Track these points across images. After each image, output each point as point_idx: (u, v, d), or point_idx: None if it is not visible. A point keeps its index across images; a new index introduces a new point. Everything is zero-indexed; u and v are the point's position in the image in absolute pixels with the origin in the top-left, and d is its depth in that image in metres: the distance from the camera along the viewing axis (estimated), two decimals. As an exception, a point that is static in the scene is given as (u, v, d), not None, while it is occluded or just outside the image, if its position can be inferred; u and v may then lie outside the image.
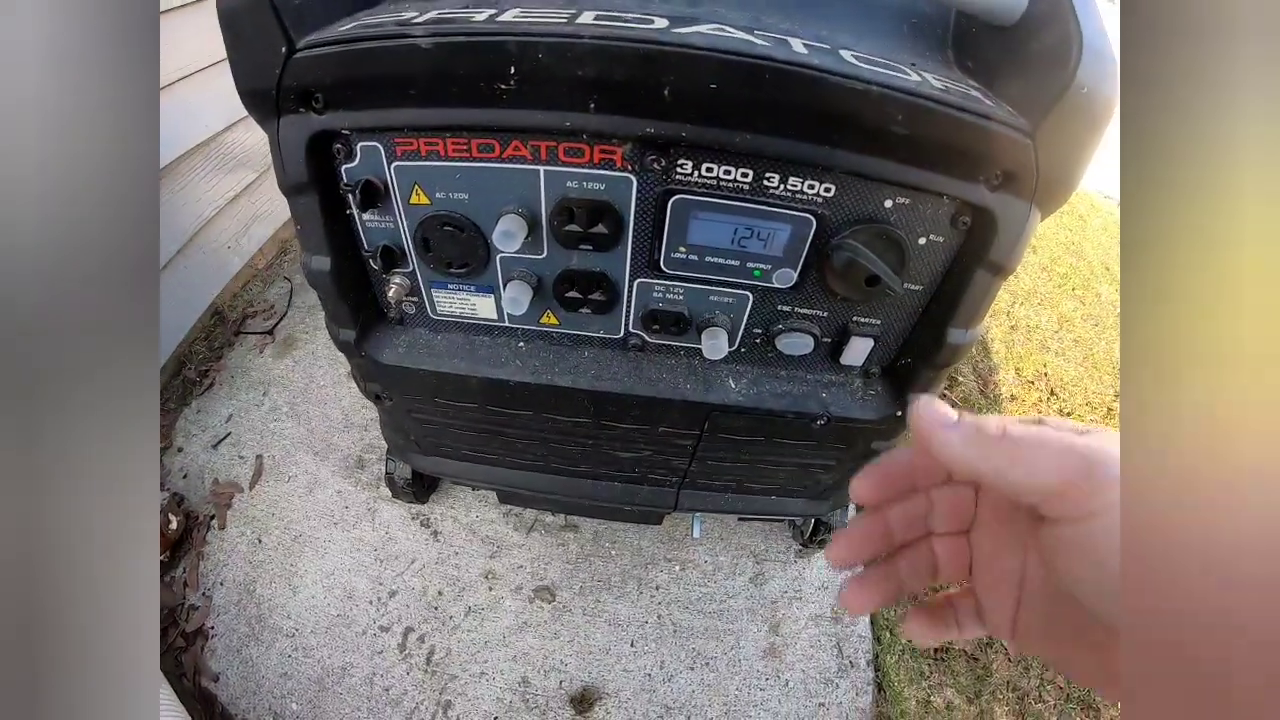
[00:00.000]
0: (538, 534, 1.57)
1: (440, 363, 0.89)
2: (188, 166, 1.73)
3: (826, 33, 0.69)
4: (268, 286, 2.11)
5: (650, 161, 0.66)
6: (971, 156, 0.64)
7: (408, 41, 0.58)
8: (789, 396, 0.87)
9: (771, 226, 0.71)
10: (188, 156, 1.72)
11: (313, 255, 0.77)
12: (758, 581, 1.55)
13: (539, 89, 0.60)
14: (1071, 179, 0.67)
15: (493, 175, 0.70)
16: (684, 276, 0.77)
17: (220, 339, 1.91)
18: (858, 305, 0.80)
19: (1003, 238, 0.69)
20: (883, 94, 0.58)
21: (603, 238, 0.72)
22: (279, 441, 1.70)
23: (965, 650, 1.55)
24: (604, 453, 1.06)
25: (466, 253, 0.76)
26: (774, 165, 0.66)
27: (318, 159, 0.70)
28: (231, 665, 1.36)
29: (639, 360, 0.88)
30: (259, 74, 0.63)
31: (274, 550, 1.51)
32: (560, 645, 1.41)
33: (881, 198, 0.69)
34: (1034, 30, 0.64)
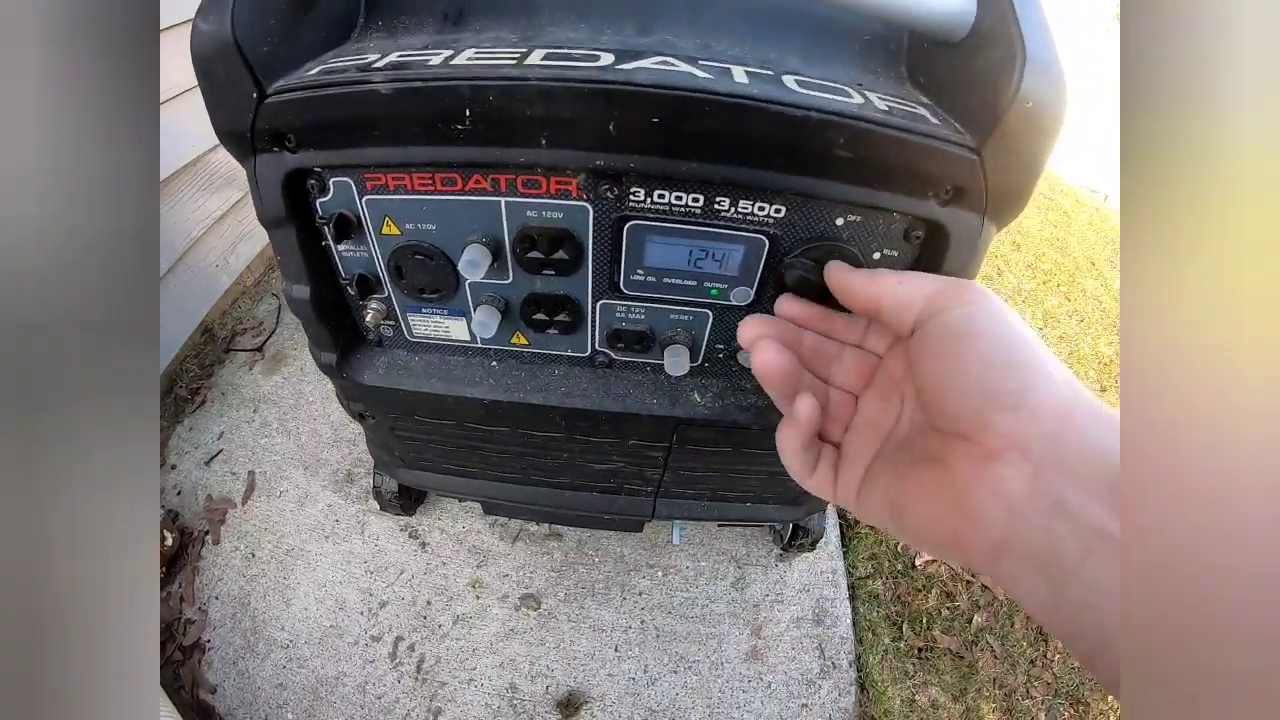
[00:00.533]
0: (523, 543, 1.60)
1: (418, 383, 0.91)
2: (176, 186, 1.76)
3: (775, 56, 0.72)
4: (256, 303, 2.14)
5: (604, 190, 0.68)
6: (918, 174, 0.66)
7: (368, 87, 0.61)
8: (754, 409, 0.89)
9: (725, 248, 0.73)
10: (176, 176, 1.75)
11: (293, 284, 0.80)
12: (739, 586, 1.57)
13: (493, 128, 0.62)
14: (1022, 191, 0.68)
15: (457, 207, 0.72)
16: (644, 297, 0.80)
17: (210, 356, 1.94)
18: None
19: (956, 250, 0.71)
20: (822, 119, 0.60)
21: (564, 263, 0.75)
22: (270, 457, 1.73)
23: (950, 649, 1.57)
24: (579, 465, 1.08)
25: (437, 279, 0.79)
26: (724, 190, 0.69)
27: (293, 194, 0.73)
28: (228, 677, 1.39)
29: (607, 377, 0.91)
30: (234, 118, 0.66)
31: (267, 564, 1.54)
32: (546, 651, 1.44)
33: (832, 216, 0.71)
34: (980, 45, 0.64)
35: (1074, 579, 0.31)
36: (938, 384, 0.39)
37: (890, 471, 0.44)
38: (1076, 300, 2.82)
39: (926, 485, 0.39)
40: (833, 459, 0.50)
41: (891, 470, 0.43)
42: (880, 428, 0.47)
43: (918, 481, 0.40)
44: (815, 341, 0.52)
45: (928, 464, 0.40)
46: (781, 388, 0.51)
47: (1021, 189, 0.68)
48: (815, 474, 0.50)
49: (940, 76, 0.71)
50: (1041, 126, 0.61)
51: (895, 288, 0.44)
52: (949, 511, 0.37)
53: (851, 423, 0.50)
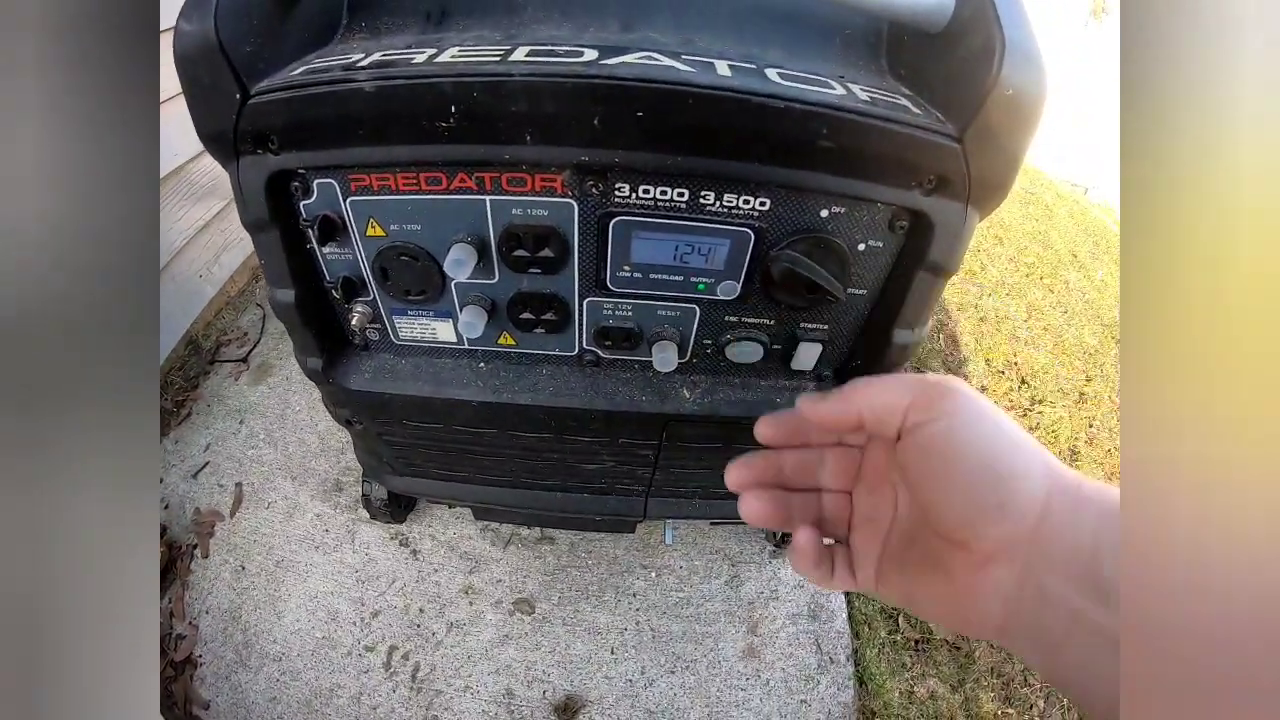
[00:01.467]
0: (515, 548, 1.59)
1: (405, 386, 0.91)
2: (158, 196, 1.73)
3: (758, 51, 0.72)
4: (240, 313, 2.12)
5: (589, 186, 0.68)
6: (901, 164, 0.66)
7: (352, 86, 0.61)
8: (743, 404, 0.90)
9: (711, 242, 0.73)
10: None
11: (277, 289, 0.80)
12: (733, 584, 1.57)
13: (477, 125, 0.62)
14: (1005, 178, 0.68)
15: (442, 207, 0.72)
16: (631, 294, 0.80)
17: (195, 368, 1.92)
18: (803, 312, 0.82)
19: (940, 240, 0.71)
20: (805, 110, 0.60)
21: (550, 261, 0.75)
22: (257, 468, 1.71)
23: (947, 640, 1.58)
24: (570, 466, 1.08)
25: (423, 281, 0.79)
26: (708, 183, 0.69)
27: (277, 197, 0.72)
28: (221, 692, 1.37)
29: (595, 375, 0.91)
30: (217, 119, 0.65)
31: (257, 576, 1.52)
32: (542, 656, 1.43)
33: (817, 208, 0.71)
34: (959, 35, 0.65)
35: (1060, 652, 0.36)
36: (930, 499, 0.42)
37: (898, 571, 0.46)
38: (1060, 292, 2.84)
39: (934, 587, 0.43)
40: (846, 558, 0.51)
41: (899, 569, 0.46)
42: (879, 522, 0.49)
43: (924, 583, 0.43)
44: (797, 459, 0.53)
45: (929, 568, 0.43)
46: (778, 527, 0.53)
47: (1004, 176, 0.68)
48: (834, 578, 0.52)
49: (921, 68, 0.72)
50: (1022, 114, 0.62)
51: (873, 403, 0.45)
52: (955, 608, 0.41)
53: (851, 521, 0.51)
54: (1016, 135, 0.64)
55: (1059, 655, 0.36)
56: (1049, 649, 0.36)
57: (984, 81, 0.61)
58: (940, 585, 0.42)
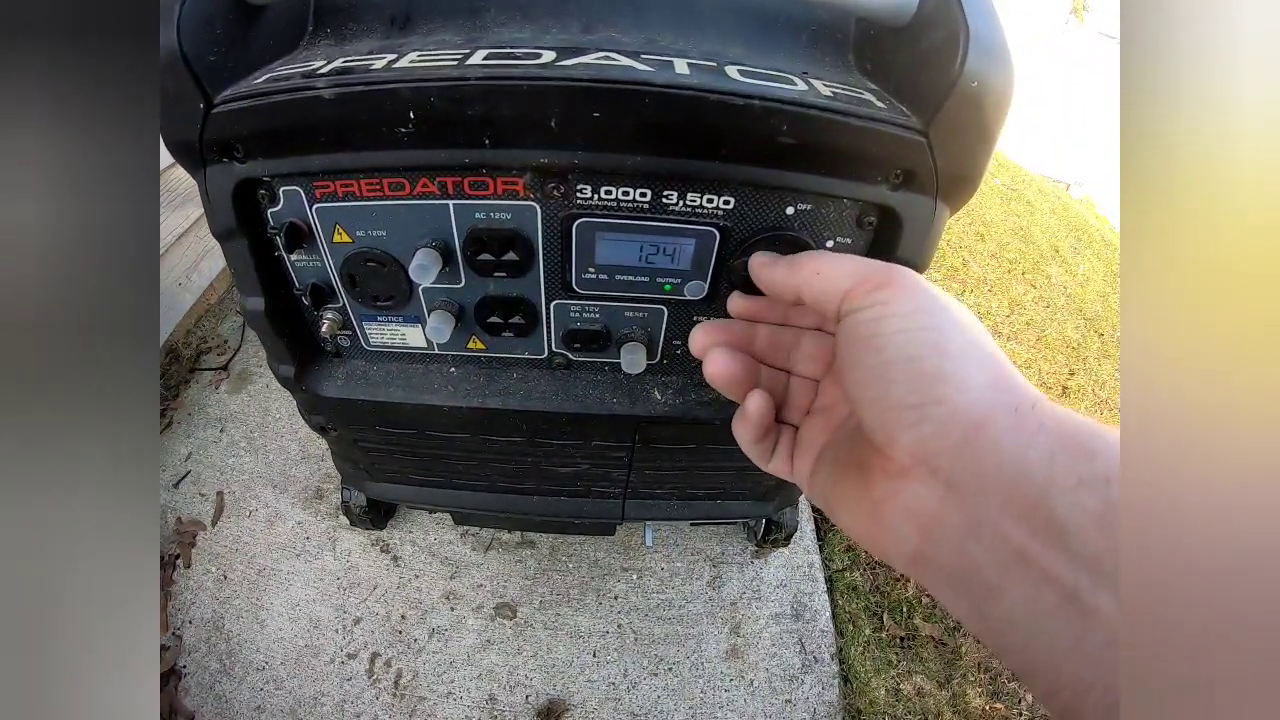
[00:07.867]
0: (495, 552, 1.59)
1: (377, 392, 0.91)
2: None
3: (721, 49, 0.72)
4: (220, 321, 2.11)
5: (550, 189, 0.68)
6: (866, 159, 0.66)
7: (311, 94, 0.60)
8: (715, 403, 0.90)
9: (676, 242, 0.73)
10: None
11: (248, 297, 0.79)
12: (715, 584, 1.57)
13: (436, 130, 0.62)
14: (973, 171, 0.68)
15: (406, 212, 0.72)
16: (597, 295, 0.80)
17: (176, 377, 1.91)
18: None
19: (909, 234, 0.71)
20: (764, 106, 0.60)
21: (515, 264, 0.75)
22: (238, 477, 1.70)
23: (933, 636, 1.58)
24: (545, 469, 1.08)
25: (391, 286, 0.79)
26: (671, 183, 0.69)
27: (244, 205, 0.72)
28: (205, 702, 1.37)
29: (565, 378, 0.91)
30: (183, 129, 0.65)
31: (239, 585, 1.52)
32: (524, 660, 1.43)
33: (782, 205, 0.71)
34: (923, 28, 0.65)
35: (993, 600, 0.31)
36: (851, 394, 0.38)
37: (828, 467, 0.44)
38: (1042, 287, 2.86)
39: (850, 491, 0.39)
40: (789, 443, 0.50)
41: (829, 466, 0.43)
42: (833, 415, 0.47)
43: (844, 485, 0.40)
44: (770, 334, 0.51)
45: (853, 469, 0.39)
46: (737, 392, 0.51)
47: (972, 169, 0.68)
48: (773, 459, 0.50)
49: (886, 61, 0.71)
50: (988, 106, 0.62)
51: (812, 280, 0.42)
52: (868, 521, 0.37)
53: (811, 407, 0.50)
54: (983, 127, 0.64)
55: (992, 602, 0.31)
56: (980, 593, 0.31)
57: (948, 74, 0.60)
58: (857, 493, 0.38)
